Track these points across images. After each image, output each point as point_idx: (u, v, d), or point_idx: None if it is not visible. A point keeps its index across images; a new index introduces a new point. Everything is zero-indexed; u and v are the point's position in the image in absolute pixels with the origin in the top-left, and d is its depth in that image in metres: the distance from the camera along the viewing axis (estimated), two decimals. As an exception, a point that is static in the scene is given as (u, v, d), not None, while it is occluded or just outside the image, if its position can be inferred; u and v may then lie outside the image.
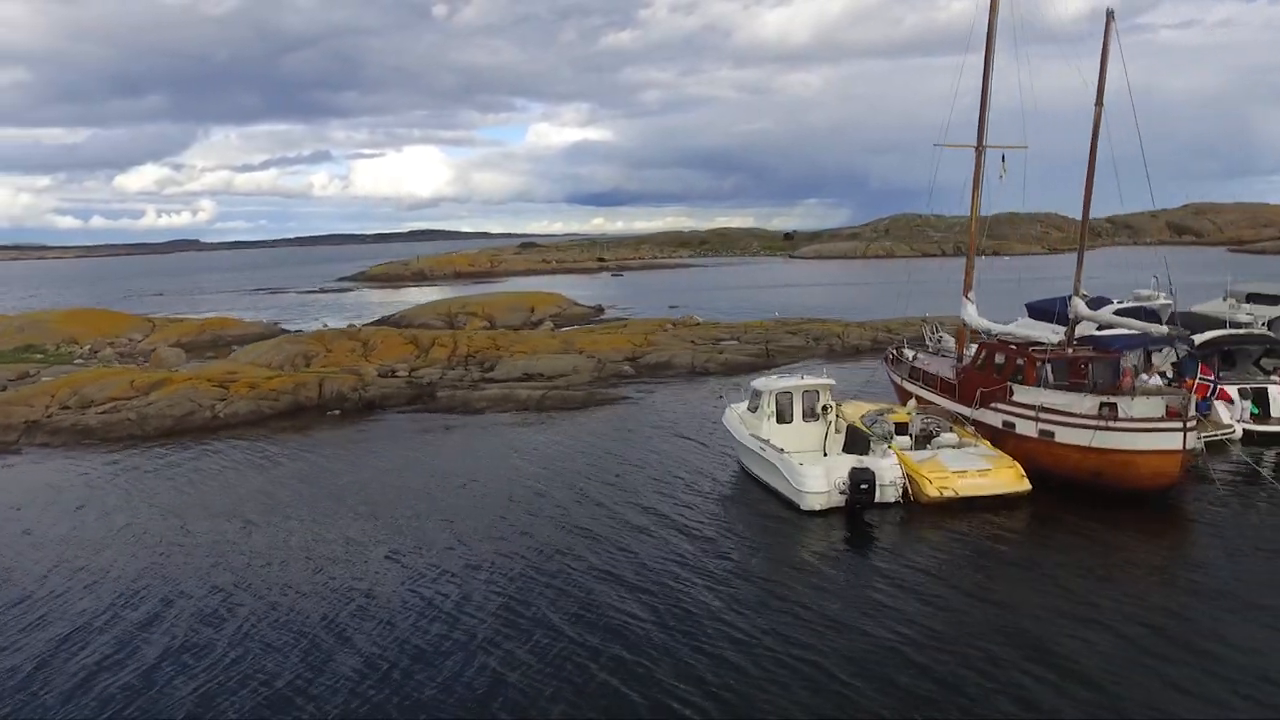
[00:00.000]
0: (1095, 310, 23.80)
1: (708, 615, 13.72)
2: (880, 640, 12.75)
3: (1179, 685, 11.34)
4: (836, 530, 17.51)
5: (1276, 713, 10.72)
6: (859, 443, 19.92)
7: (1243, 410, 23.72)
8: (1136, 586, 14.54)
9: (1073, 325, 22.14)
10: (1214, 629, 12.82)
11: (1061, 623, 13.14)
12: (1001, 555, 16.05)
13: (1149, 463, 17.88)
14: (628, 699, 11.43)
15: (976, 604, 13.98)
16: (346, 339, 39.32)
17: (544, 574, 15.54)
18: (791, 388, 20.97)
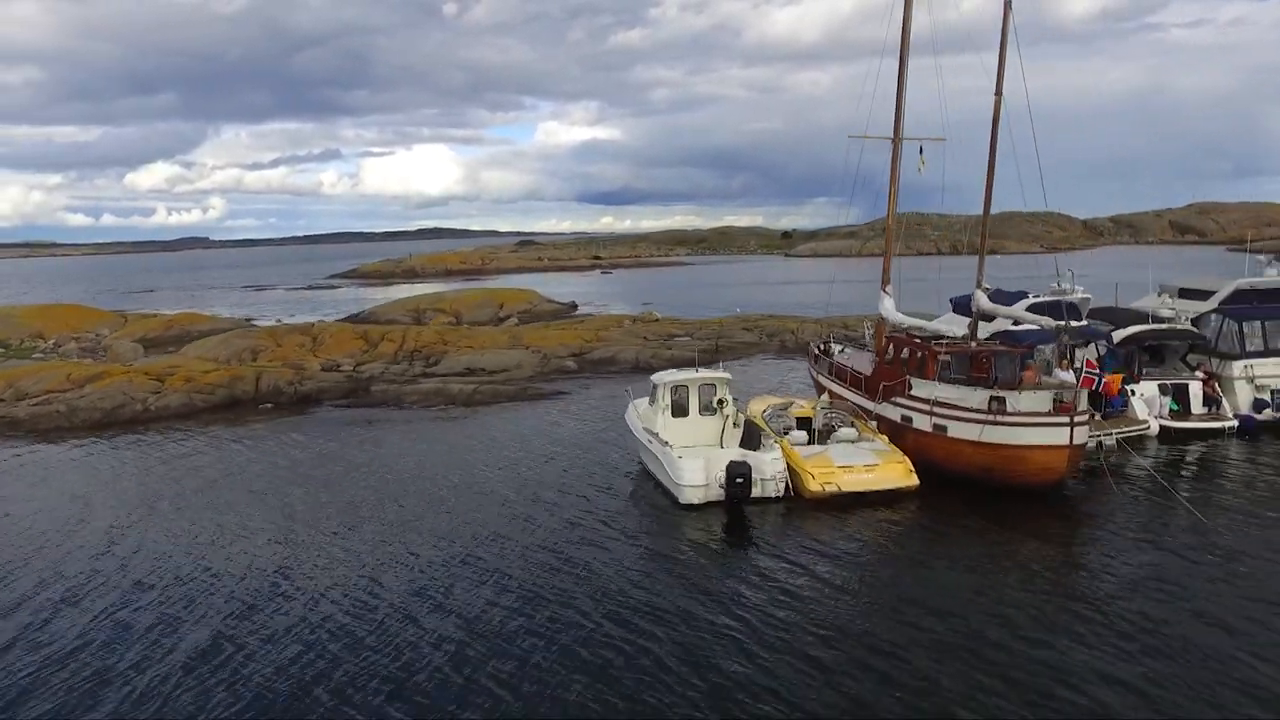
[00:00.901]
0: (1010, 304, 23.47)
1: (558, 602, 13.67)
2: (723, 630, 12.58)
3: (1015, 681, 11.05)
4: (709, 524, 17.28)
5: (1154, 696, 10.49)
6: (754, 437, 19.67)
7: (1161, 406, 23.34)
8: (1004, 579, 14.21)
9: (975, 319, 21.81)
10: (1077, 623, 12.52)
11: (908, 616, 12.87)
12: (873, 550, 15.80)
13: (1036, 458, 17.57)
14: (437, 683, 11.34)
15: (830, 596, 13.72)
16: (298, 334, 39.31)
17: (403, 563, 15.44)
18: (687, 381, 20.74)
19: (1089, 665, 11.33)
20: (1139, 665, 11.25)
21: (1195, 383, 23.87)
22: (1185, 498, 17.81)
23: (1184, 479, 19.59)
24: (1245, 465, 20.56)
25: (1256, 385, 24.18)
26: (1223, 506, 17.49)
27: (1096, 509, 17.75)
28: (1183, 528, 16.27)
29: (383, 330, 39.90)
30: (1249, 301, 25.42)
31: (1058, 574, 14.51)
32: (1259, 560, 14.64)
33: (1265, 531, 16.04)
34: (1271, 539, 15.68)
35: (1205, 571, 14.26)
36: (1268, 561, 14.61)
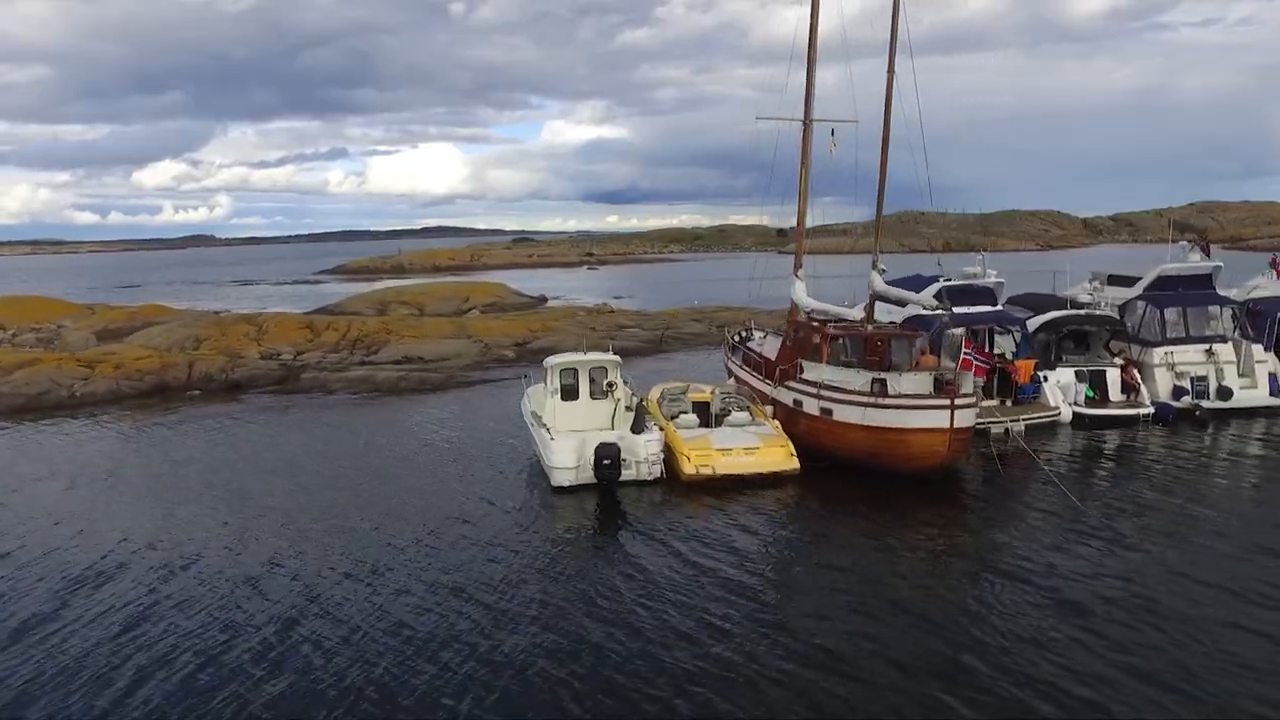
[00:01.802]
0: (921, 290, 23.06)
1: (407, 575, 13.54)
2: (559, 603, 12.40)
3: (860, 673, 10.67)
4: (578, 505, 16.98)
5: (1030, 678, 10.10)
6: (641, 420, 19.29)
7: (1077, 393, 22.87)
8: (868, 563, 13.81)
9: (871, 302, 21.38)
10: (938, 608, 12.15)
11: (757, 597, 12.53)
12: (736, 533, 15.31)
13: (917, 441, 17.14)
14: (277, 661, 11.04)
15: (681, 575, 13.38)
16: (244, 323, 39.13)
17: (271, 542, 15.23)
18: (577, 363, 20.36)
19: (939, 651, 10.95)
20: (986, 648, 10.85)
21: (1113, 370, 23.41)
22: (1069, 484, 17.38)
23: (1078, 466, 19.18)
24: (1144, 453, 20.10)
25: (1176, 372, 23.69)
26: (1104, 493, 17.07)
27: (975, 494, 17.39)
28: (1056, 513, 15.83)
29: (328, 320, 39.70)
30: (1172, 288, 24.89)
31: (922, 560, 14.02)
32: (1126, 545, 14.20)
33: (1139, 519, 15.60)
34: (1145, 524, 15.26)
35: (1069, 557, 13.80)
36: (1133, 546, 14.16)
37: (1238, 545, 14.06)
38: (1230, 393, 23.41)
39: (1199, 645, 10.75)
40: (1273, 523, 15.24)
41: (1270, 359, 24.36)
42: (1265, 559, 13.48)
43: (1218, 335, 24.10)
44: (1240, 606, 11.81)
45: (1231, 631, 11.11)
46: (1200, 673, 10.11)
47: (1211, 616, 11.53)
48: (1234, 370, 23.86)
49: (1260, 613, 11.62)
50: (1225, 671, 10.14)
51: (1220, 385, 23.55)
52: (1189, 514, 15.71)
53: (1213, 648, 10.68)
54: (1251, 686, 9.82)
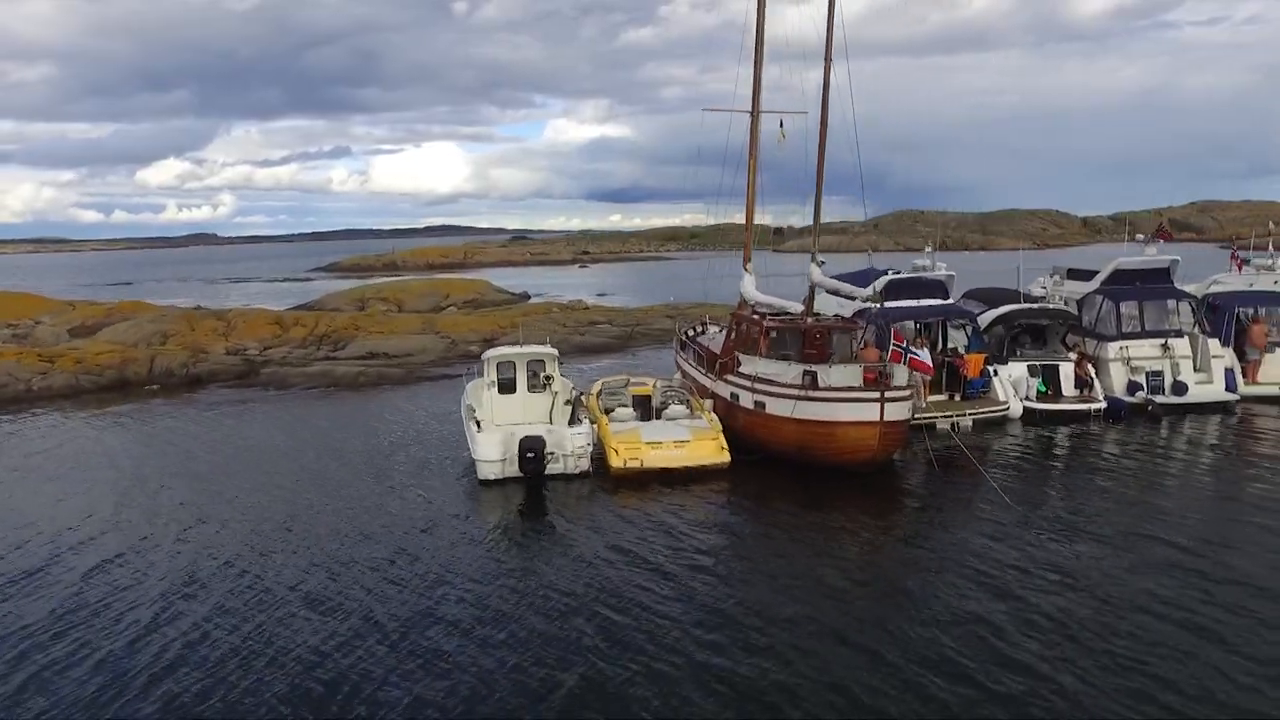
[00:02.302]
0: (862, 281, 22.85)
1: (318, 565, 13.42)
2: (434, 603, 12.09)
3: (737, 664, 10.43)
4: (502, 500, 16.77)
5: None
6: (575, 414, 19.10)
7: (1029, 388, 22.56)
8: (783, 558, 13.58)
9: (811, 294, 21.12)
10: (861, 606, 11.89)
11: (639, 597, 12.16)
12: (655, 525, 15.02)
13: (847, 434, 16.85)
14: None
15: (587, 568, 13.14)
16: (213, 319, 39.03)
17: (175, 534, 15.06)
18: (514, 356, 20.14)
19: (847, 640, 10.70)
20: (905, 639, 10.60)
21: (1067, 364, 23.08)
22: (1008, 477, 17.15)
23: (1020, 460, 18.88)
24: (1088, 448, 19.84)
25: (1131, 367, 23.37)
26: (1037, 487, 16.80)
27: (904, 489, 17.15)
28: (982, 506, 15.56)
29: (297, 316, 39.59)
30: (1129, 282, 24.55)
31: (841, 555, 13.70)
32: (1049, 537, 13.92)
33: (1069, 513, 15.31)
34: (1073, 517, 14.97)
35: (987, 550, 13.51)
36: (1058, 538, 13.87)
37: (1165, 538, 13.76)
38: (1185, 388, 23.10)
39: (1111, 633, 10.57)
40: (1203, 516, 14.95)
41: (1228, 354, 24.03)
42: (1194, 550, 13.20)
43: (1173, 330, 23.78)
44: (1161, 592, 11.59)
45: (1147, 617, 10.95)
46: (1110, 655, 9.87)
47: (1123, 600, 11.35)
48: (1190, 365, 23.54)
49: (1180, 599, 11.40)
50: (1138, 656, 9.91)
51: (1175, 380, 23.23)
52: (1119, 507, 15.46)
53: (1125, 633, 10.50)
54: (1165, 668, 9.59)
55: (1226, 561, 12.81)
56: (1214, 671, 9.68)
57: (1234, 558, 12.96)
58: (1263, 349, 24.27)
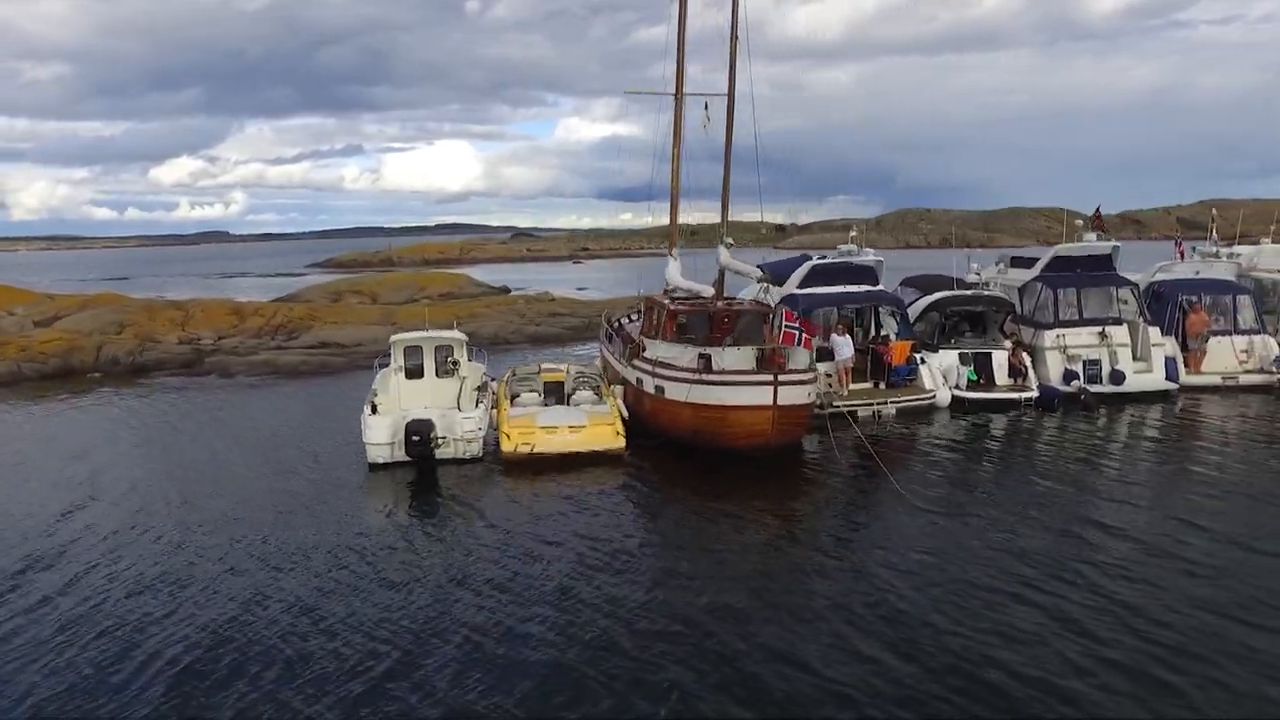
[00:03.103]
0: (794, 268, 22.36)
1: (191, 549, 13.14)
2: (280, 581, 11.83)
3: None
4: (389, 484, 16.45)
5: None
6: (476, 398, 18.77)
7: (960, 376, 22.02)
8: (657, 546, 13.09)
9: (721, 276, 20.66)
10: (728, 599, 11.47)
11: (499, 577, 11.83)
12: (538, 511, 14.64)
13: (741, 419, 16.38)
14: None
15: (458, 551, 12.83)
16: (172, 309, 38.99)
17: (55, 519, 14.71)
18: (421, 340, 19.79)
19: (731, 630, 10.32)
20: (763, 630, 10.14)
21: (1000, 352, 22.52)
22: (901, 467, 16.63)
23: (932, 448, 18.35)
24: (1007, 437, 19.28)
25: (1068, 355, 22.77)
26: (932, 477, 16.12)
27: (800, 477, 16.49)
28: (872, 492, 15.10)
29: (256, 306, 39.45)
30: (1070, 269, 23.95)
31: (717, 542, 13.27)
32: (931, 524, 13.44)
33: (959, 501, 14.87)
34: (959, 507, 14.48)
35: (866, 543, 13.06)
36: (940, 528, 13.36)
37: (1050, 526, 13.28)
38: (1123, 377, 22.49)
39: (977, 616, 10.23)
40: (1091, 502, 14.42)
41: (1169, 342, 23.39)
42: (1078, 537, 12.71)
43: (1111, 317, 23.16)
44: (1035, 581, 11.15)
45: (1015, 605, 10.51)
46: (960, 639, 9.44)
47: (991, 587, 10.96)
48: (1129, 354, 22.93)
49: (1054, 588, 10.95)
50: (993, 642, 9.45)
51: (1113, 369, 22.63)
52: (1007, 492, 14.97)
53: (989, 620, 10.12)
54: (1021, 654, 9.14)
55: (1101, 545, 12.35)
56: (1063, 662, 9.23)
57: (1114, 542, 12.49)
58: (1201, 337, 23.61)
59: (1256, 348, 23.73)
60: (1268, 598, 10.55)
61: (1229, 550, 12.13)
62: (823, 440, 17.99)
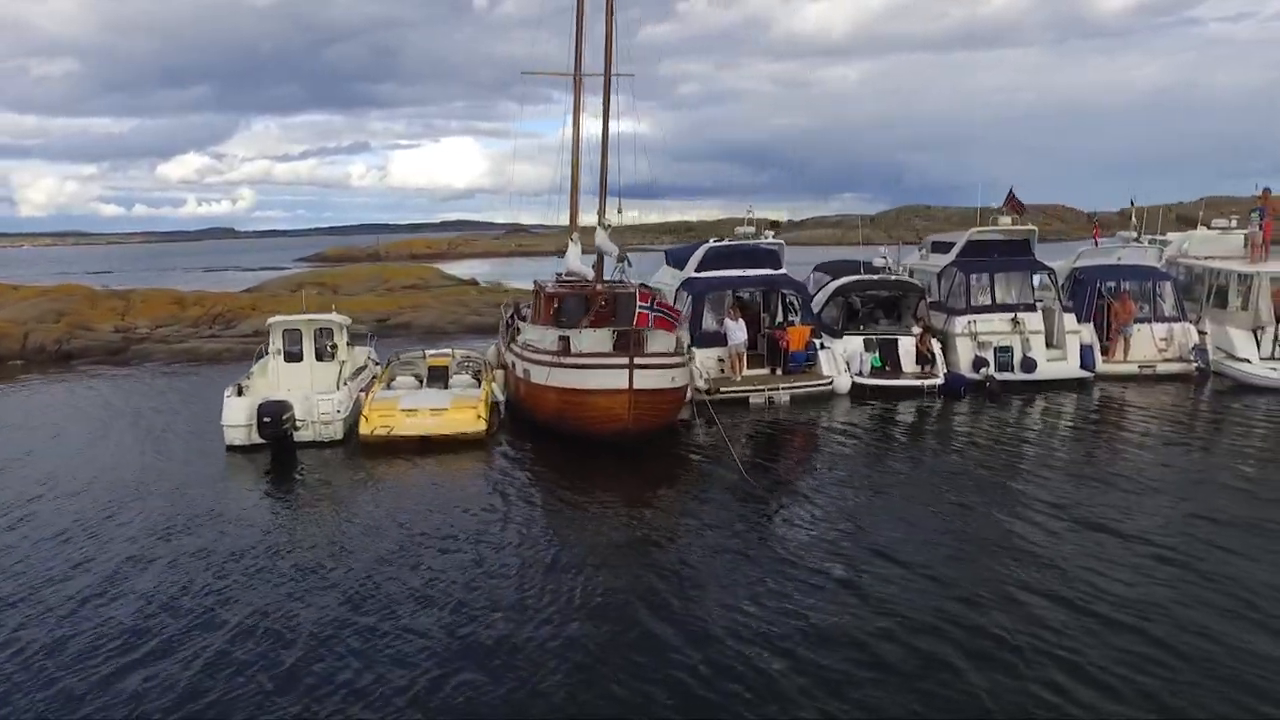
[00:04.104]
0: (690, 253, 21.95)
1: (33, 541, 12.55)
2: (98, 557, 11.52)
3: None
4: (246, 465, 16.19)
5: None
6: (342, 380, 18.44)
7: (863, 362, 21.49)
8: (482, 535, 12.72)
9: (600, 260, 20.21)
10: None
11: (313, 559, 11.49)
12: (369, 493, 14.37)
13: (596, 403, 15.87)
14: None
15: (280, 536, 12.43)
16: (115, 299, 38.74)
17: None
18: (300, 324, 19.42)
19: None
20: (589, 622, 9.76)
21: (907, 338, 21.98)
22: (764, 456, 16.17)
23: (807, 438, 17.88)
24: (895, 426, 18.76)
25: (979, 342, 22.19)
26: (783, 471, 15.49)
27: (659, 465, 15.85)
28: (724, 481, 14.51)
29: (198, 296, 39.21)
30: (985, 254, 23.38)
31: (555, 531, 12.77)
32: (774, 516, 12.92)
33: (804, 493, 14.39)
34: (805, 498, 14.01)
35: (700, 537, 12.57)
36: (783, 517, 12.91)
37: (886, 514, 12.82)
38: (1034, 364, 21.93)
39: (782, 599, 9.87)
40: (950, 490, 13.91)
41: (1086, 329, 22.81)
42: (911, 525, 12.23)
43: (1024, 303, 22.58)
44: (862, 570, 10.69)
45: (804, 596, 10.05)
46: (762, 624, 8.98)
47: (798, 575, 10.49)
48: (1042, 341, 22.37)
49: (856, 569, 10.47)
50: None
51: (1025, 356, 22.08)
52: (864, 484, 14.48)
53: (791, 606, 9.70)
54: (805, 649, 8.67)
55: (925, 533, 11.86)
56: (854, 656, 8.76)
57: (941, 532, 12.00)
58: (1124, 325, 23.01)
59: (1176, 336, 23.13)
60: (1123, 591, 10.07)
61: (1091, 536, 11.64)
62: (697, 428, 17.53)
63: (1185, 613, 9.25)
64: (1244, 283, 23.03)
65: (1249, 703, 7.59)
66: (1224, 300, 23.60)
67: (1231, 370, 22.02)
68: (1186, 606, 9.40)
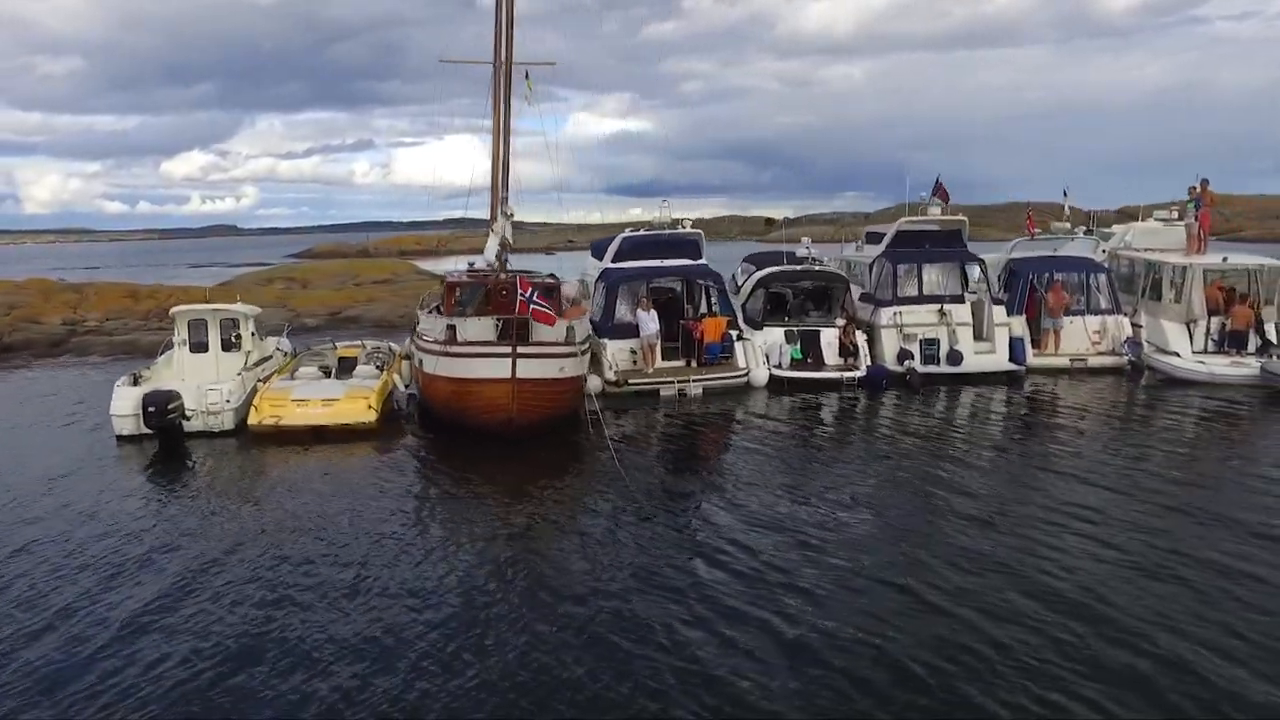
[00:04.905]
0: (609, 243, 21.73)
1: None
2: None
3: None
4: (135, 454, 16.00)
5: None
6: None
7: (782, 354, 21.19)
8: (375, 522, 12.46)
9: (503, 248, 19.93)
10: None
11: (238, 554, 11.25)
12: (248, 482, 14.24)
13: (480, 393, 15.58)
14: None
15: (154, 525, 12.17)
16: (69, 292, 38.77)
17: None
18: (206, 313, 19.22)
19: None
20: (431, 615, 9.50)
21: (830, 330, 21.67)
22: (657, 450, 15.94)
23: (705, 431, 17.54)
24: (803, 420, 18.38)
25: (904, 334, 21.88)
26: (669, 464, 15.20)
27: (547, 458, 15.48)
28: (599, 476, 14.23)
29: (152, 289, 39.13)
30: (916, 244, 23.05)
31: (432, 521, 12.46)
32: (641, 514, 12.49)
33: (676, 494, 14.12)
34: (679, 493, 13.78)
35: (572, 527, 12.25)
36: (647, 516, 12.51)
37: (735, 504, 12.55)
38: (960, 357, 21.63)
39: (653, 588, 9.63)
40: (836, 486, 13.63)
41: (1017, 322, 22.48)
42: (769, 517, 11.95)
43: (951, 295, 22.25)
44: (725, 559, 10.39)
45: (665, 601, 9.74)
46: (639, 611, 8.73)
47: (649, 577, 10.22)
48: (970, 333, 22.04)
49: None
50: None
51: (952, 349, 21.77)
52: (749, 478, 14.16)
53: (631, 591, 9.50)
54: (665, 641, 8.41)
55: (791, 529, 11.59)
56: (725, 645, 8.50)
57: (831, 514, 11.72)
58: (1056, 317, 22.69)
59: (1109, 329, 22.78)
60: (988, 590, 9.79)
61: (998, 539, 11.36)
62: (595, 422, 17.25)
63: (1093, 600, 8.99)
64: (1178, 275, 22.67)
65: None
66: (1160, 293, 23.25)
67: (1160, 364, 21.67)
68: (1092, 594, 9.19)
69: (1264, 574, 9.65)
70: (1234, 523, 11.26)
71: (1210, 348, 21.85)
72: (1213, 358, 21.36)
